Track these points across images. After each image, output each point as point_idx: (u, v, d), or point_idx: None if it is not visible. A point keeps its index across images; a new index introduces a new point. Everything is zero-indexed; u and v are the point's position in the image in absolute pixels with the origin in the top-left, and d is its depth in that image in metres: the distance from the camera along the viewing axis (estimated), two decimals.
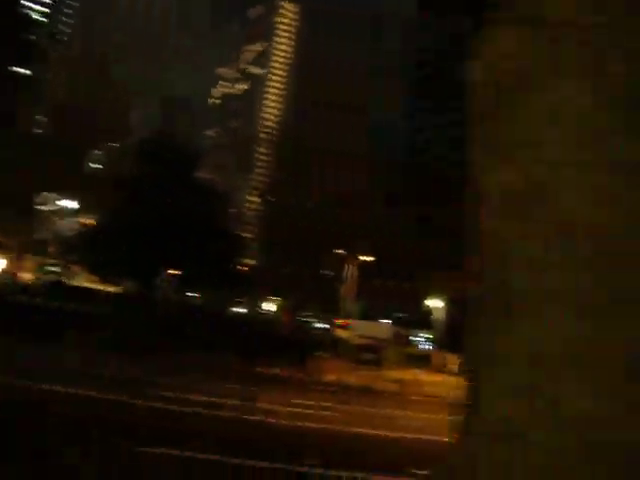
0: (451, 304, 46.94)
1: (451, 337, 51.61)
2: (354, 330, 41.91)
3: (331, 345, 36.86)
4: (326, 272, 70.12)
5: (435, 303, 51.46)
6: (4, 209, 46.35)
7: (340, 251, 60.05)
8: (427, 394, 23.90)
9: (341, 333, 44.26)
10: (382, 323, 44.38)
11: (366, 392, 22.62)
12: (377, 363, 32.98)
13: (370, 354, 34.87)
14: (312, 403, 16.49)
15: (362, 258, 57.56)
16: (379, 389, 23.95)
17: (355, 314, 54.15)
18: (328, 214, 79.25)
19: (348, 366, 29.48)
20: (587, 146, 1.37)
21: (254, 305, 65.94)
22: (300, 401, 16.45)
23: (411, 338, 70.31)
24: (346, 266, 59.13)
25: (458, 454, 1.52)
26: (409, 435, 13.44)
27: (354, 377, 25.51)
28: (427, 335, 67.93)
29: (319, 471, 8.33)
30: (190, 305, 40.22)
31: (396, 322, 74.21)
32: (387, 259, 61.72)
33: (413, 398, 22.61)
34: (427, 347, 65.04)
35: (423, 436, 13.18)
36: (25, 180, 56.24)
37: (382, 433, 13.11)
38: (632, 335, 1.28)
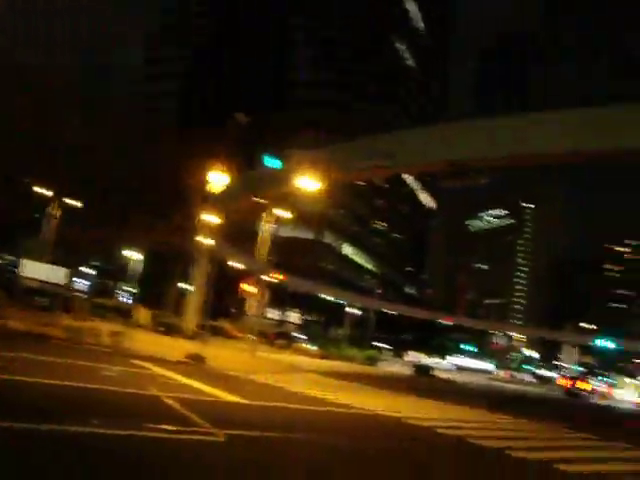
0: (149, 256, 46.32)
1: (147, 290, 51.11)
2: (25, 271, 38.51)
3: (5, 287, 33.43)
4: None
5: (133, 254, 50.21)
6: None
7: (44, 191, 55.14)
8: (101, 345, 23.09)
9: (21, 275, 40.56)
10: (58, 267, 41.66)
11: (34, 339, 20.99)
12: (51, 309, 30.94)
13: (43, 298, 32.49)
14: None
15: (68, 201, 53.95)
16: (49, 336, 22.38)
17: (51, 259, 50.38)
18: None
19: (19, 310, 27.10)
20: None
21: None
22: None
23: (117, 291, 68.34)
24: (50, 208, 54.97)
25: None
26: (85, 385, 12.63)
27: (21, 322, 23.42)
28: (130, 288, 66.64)
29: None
30: None
31: (101, 272, 71.47)
32: (94, 205, 58.39)
33: (85, 348, 21.64)
34: (128, 300, 63.83)
35: (94, 385, 12.75)
36: None
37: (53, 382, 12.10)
38: None
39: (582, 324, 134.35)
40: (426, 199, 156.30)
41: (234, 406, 13.66)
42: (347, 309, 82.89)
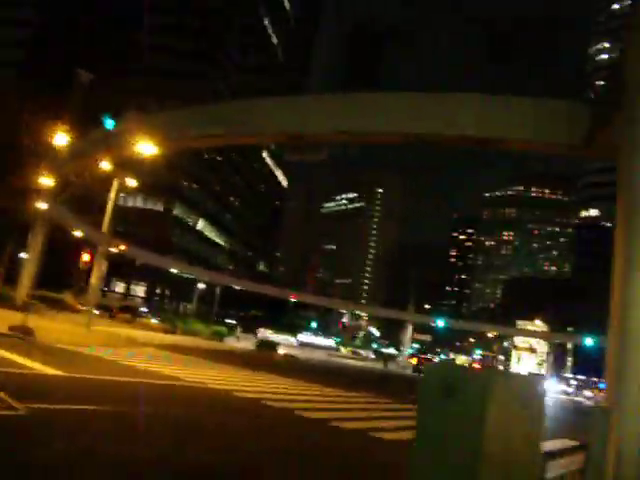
0: None
1: None
2: None
3: None
4: None
5: None
6: None
7: None
8: None
9: None
10: None
11: None
12: None
13: None
14: None
15: None
16: None
17: None
18: None
19: None
20: None
21: None
22: None
23: None
24: None
25: None
26: None
27: None
28: None
29: None
30: None
31: None
32: None
33: None
34: None
35: None
36: None
37: None
38: None
39: (424, 305, 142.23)
40: (282, 177, 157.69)
41: (52, 379, 12.93)
42: (198, 284, 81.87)
